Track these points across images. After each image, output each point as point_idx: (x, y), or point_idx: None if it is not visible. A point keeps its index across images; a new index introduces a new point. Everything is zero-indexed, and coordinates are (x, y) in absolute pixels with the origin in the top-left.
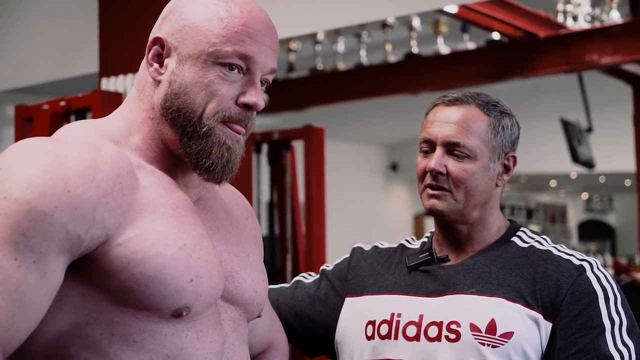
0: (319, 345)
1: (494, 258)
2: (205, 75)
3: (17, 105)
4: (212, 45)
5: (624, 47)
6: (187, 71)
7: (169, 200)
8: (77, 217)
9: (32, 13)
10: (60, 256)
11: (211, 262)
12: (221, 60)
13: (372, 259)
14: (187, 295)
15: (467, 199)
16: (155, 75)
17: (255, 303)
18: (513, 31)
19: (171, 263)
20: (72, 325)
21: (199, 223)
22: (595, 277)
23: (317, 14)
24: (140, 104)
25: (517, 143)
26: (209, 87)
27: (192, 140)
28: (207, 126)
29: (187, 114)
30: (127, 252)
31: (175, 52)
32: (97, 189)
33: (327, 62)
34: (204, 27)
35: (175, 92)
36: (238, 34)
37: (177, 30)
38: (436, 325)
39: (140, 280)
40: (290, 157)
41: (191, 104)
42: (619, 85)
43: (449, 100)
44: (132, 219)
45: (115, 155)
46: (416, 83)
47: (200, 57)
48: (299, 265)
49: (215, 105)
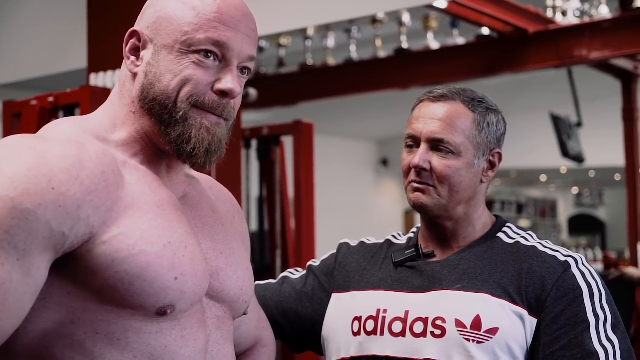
0: (306, 341)
1: (480, 254)
2: (180, 62)
3: (5, 101)
4: (184, 34)
5: (613, 42)
6: (162, 60)
7: (154, 198)
8: (61, 214)
9: (21, 9)
10: (44, 254)
11: (196, 260)
12: (194, 48)
13: (359, 255)
14: (171, 293)
15: (451, 195)
16: (132, 68)
17: (240, 301)
18: (502, 26)
19: (156, 261)
20: (56, 324)
21: (184, 221)
22: (581, 273)
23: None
24: (122, 99)
25: (503, 139)
26: (183, 73)
27: (169, 127)
28: (182, 110)
29: (162, 102)
30: (111, 249)
31: (152, 44)
32: (81, 186)
33: (317, 57)
34: (177, 17)
35: (151, 81)
36: (210, 21)
37: (152, 22)
38: (422, 321)
39: (125, 278)
40: (280, 153)
41: (165, 90)
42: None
43: (434, 96)
44: (117, 217)
45: (100, 152)
46: (406, 78)
47: (174, 47)
48: (289, 260)
49: (189, 90)
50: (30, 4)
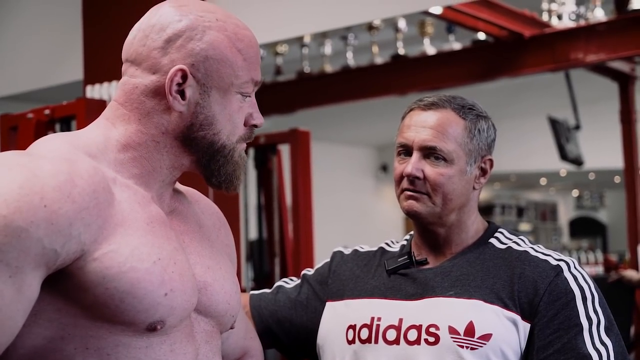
0: (301, 350)
1: (472, 260)
2: (229, 106)
3: (2, 114)
4: (237, 77)
5: (609, 45)
6: (213, 102)
7: (143, 215)
8: (53, 232)
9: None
10: (36, 271)
11: (185, 276)
12: (242, 90)
13: (352, 263)
14: (161, 309)
15: (444, 202)
16: (178, 107)
17: (228, 315)
18: (498, 31)
19: (145, 277)
20: (46, 339)
21: (173, 237)
22: (573, 277)
23: (304, 17)
24: (142, 128)
25: (493, 145)
26: (233, 117)
27: (217, 164)
28: (230, 150)
29: (213, 144)
30: (102, 266)
31: (199, 83)
32: (73, 203)
33: (314, 64)
34: (229, 60)
35: (201, 123)
36: (253, 62)
37: (200, 60)
38: (415, 328)
39: (115, 295)
40: (277, 161)
41: (218, 133)
42: (606, 82)
43: (424, 104)
44: (108, 234)
45: (91, 170)
46: (403, 84)
47: (228, 89)
48: (287, 268)
49: (235, 132)
50: (26, 16)
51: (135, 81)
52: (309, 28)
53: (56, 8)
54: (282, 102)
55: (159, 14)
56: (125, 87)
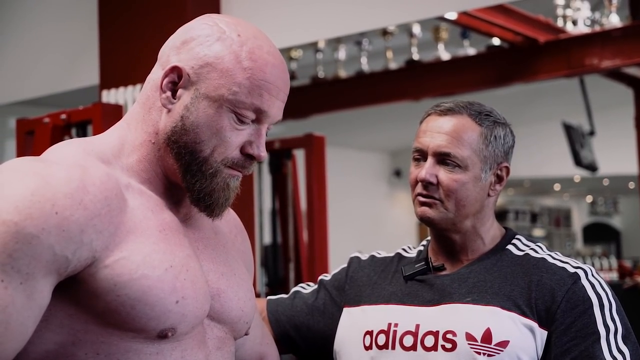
0: (318, 355)
1: (489, 267)
2: (219, 121)
3: (19, 119)
4: (232, 94)
5: (624, 51)
6: (201, 110)
7: (156, 222)
8: (64, 239)
9: (33, 26)
10: (47, 277)
11: (197, 283)
12: (237, 110)
13: (369, 269)
14: (172, 316)
15: (457, 209)
16: (166, 104)
17: (241, 322)
18: (513, 36)
19: (157, 285)
20: (57, 345)
21: (186, 244)
22: (590, 285)
23: (318, 23)
24: (144, 126)
25: (511, 152)
26: (220, 133)
27: (195, 178)
28: (214, 169)
29: (194, 153)
30: (113, 273)
31: (193, 87)
32: (84, 210)
33: (328, 70)
34: (228, 72)
35: (186, 128)
36: (259, 87)
37: (199, 65)
38: (432, 334)
39: (126, 302)
40: (292, 166)
41: (200, 144)
42: (621, 88)
43: (441, 110)
44: (120, 241)
45: (103, 176)
46: (417, 89)
47: (218, 101)
48: (302, 273)
49: (223, 151)
50: (43, 21)
51: (150, 76)
52: (324, 33)
53: (72, 13)
54: (296, 107)
55: (198, 20)
56: (145, 84)
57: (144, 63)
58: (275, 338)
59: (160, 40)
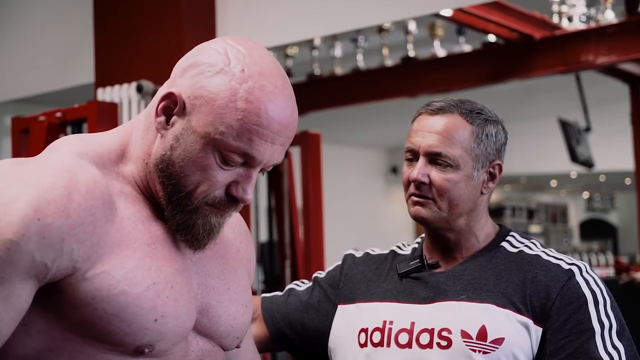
0: (313, 352)
1: (484, 264)
2: (204, 158)
3: (14, 117)
4: (219, 134)
5: (620, 47)
6: (189, 144)
7: (145, 235)
8: (44, 245)
9: (28, 24)
10: (25, 282)
11: (181, 301)
12: (222, 151)
13: (364, 266)
14: (149, 334)
15: (451, 207)
16: (160, 128)
17: (230, 337)
18: (509, 33)
19: (136, 302)
20: (35, 351)
21: (175, 258)
22: (585, 281)
23: (314, 20)
24: (141, 142)
25: (503, 150)
26: (205, 171)
27: (175, 210)
28: (194, 205)
29: (177, 185)
30: (92, 287)
31: (186, 117)
32: (67, 219)
33: (324, 67)
34: (219, 110)
35: (173, 160)
36: (249, 132)
37: (195, 96)
38: (428, 332)
39: (103, 316)
40: (288, 164)
41: (184, 178)
42: (616, 84)
43: (432, 109)
44: (103, 253)
45: (91, 184)
46: (414, 86)
47: (204, 138)
48: (298, 270)
49: (206, 190)
50: (37, 19)
51: (159, 91)
52: (319, 30)
53: (67, 11)
54: None
55: (210, 44)
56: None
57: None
58: (270, 336)
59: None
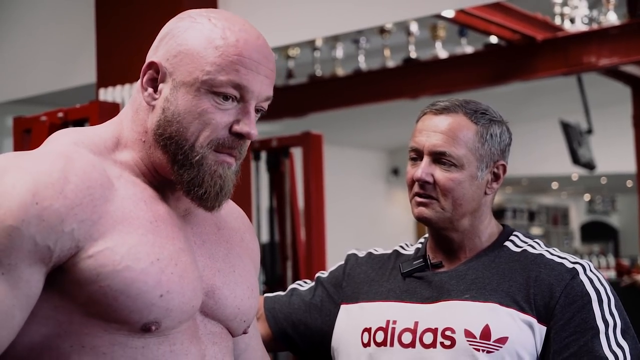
0: (315, 352)
1: (488, 263)
2: (199, 104)
3: (16, 117)
4: (206, 74)
5: (622, 49)
6: (180, 98)
7: (148, 213)
8: (45, 228)
9: (30, 24)
10: (32, 267)
11: (186, 278)
12: (215, 89)
13: (367, 266)
14: (155, 310)
15: (454, 207)
16: (150, 100)
17: (237, 320)
18: (511, 34)
19: (140, 277)
20: (43, 337)
21: (179, 237)
22: (589, 280)
23: (316, 21)
24: (133, 125)
25: (508, 150)
26: (203, 116)
27: (183, 169)
28: (200, 155)
29: (179, 142)
30: (96, 264)
31: (170, 78)
32: (65, 200)
33: (325, 68)
34: (199, 55)
35: (169, 119)
36: (233, 63)
37: (173, 55)
38: (431, 331)
39: (108, 293)
40: (289, 164)
41: (184, 132)
42: (618, 86)
43: (436, 109)
44: (104, 231)
45: (88, 166)
46: (415, 87)
47: (194, 85)
48: (299, 271)
49: (208, 134)
50: (40, 20)
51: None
52: (321, 31)
53: (69, 11)
54: (293, 105)
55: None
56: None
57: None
58: (273, 335)
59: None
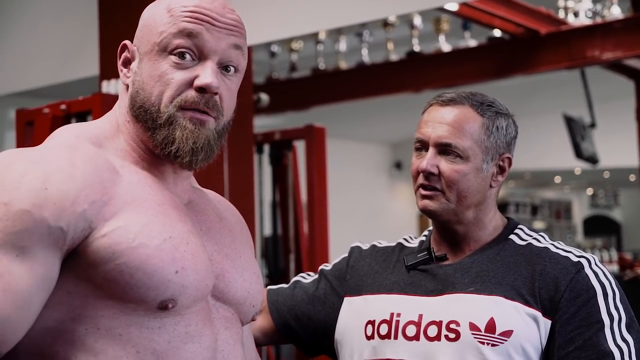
0: (318, 345)
1: (492, 256)
2: (158, 67)
3: (18, 110)
4: (159, 35)
5: (626, 43)
6: (144, 68)
7: (155, 197)
8: (56, 210)
9: (32, 16)
10: (47, 250)
11: (198, 257)
12: (170, 48)
13: (371, 258)
14: (172, 286)
15: (459, 199)
16: (124, 80)
17: (247, 303)
18: (514, 28)
19: (155, 254)
20: (57, 321)
21: (187, 220)
22: (594, 273)
23: (319, 14)
24: (120, 109)
25: (513, 143)
26: (162, 78)
27: (155, 132)
28: (166, 114)
29: (147, 108)
30: (111, 242)
31: (138, 54)
32: (74, 182)
33: (329, 61)
34: (155, 22)
35: (136, 89)
36: (183, 16)
37: (138, 33)
38: (435, 324)
39: (125, 271)
40: (292, 157)
41: (149, 97)
42: (622, 80)
43: (443, 100)
44: (116, 211)
45: (92, 154)
46: (418, 81)
47: (152, 51)
48: (302, 264)
49: (171, 93)
50: (41, 11)
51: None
52: (324, 25)
53: (72, 3)
54: (296, 98)
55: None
56: None
57: None
58: (276, 328)
59: None
